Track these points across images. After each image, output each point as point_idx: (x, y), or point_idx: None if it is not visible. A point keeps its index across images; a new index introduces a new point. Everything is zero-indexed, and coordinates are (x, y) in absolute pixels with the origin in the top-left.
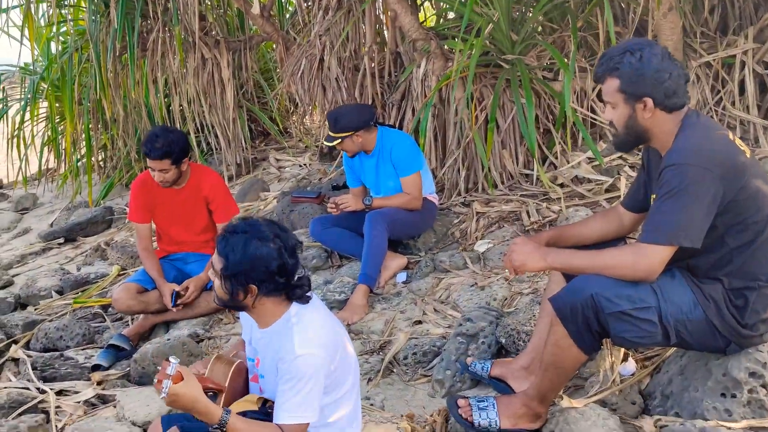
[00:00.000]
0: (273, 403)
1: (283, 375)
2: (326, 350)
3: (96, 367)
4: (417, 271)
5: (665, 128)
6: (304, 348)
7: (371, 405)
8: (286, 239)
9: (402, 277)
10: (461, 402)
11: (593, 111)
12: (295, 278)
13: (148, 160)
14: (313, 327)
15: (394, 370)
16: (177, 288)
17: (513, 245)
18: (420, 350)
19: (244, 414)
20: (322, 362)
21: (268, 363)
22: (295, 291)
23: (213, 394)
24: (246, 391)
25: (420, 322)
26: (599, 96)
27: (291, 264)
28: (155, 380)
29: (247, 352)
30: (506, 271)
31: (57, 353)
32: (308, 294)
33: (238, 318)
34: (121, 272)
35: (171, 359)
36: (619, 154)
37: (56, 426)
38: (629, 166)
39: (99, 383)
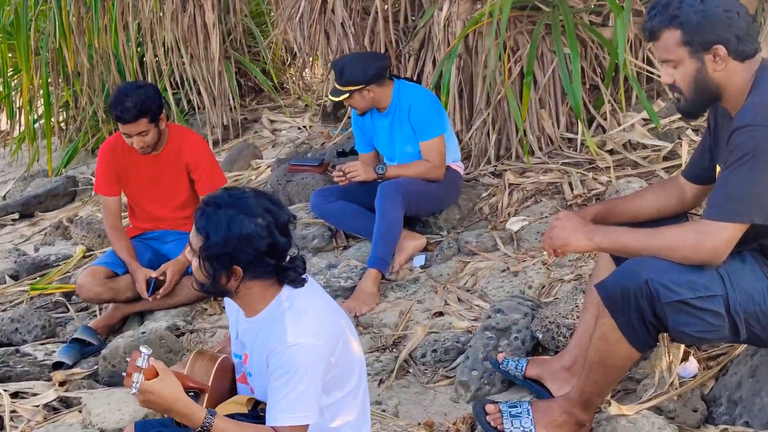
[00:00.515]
0: (265, 405)
1: (275, 369)
2: (324, 339)
3: (58, 365)
4: (438, 254)
5: (738, 82)
6: (298, 336)
7: (383, 411)
8: (277, 214)
9: (420, 260)
10: (490, 408)
11: (650, 63)
12: (287, 259)
13: (121, 125)
14: (309, 312)
15: (410, 371)
16: (153, 274)
17: (554, 222)
18: (441, 347)
19: (232, 417)
20: (320, 353)
21: (257, 358)
22: (287, 273)
23: (194, 394)
24: (233, 391)
25: (441, 314)
26: None
27: (282, 243)
28: (124, 373)
29: (234, 348)
30: (545, 253)
31: (12, 348)
32: (303, 277)
33: (224, 308)
34: (87, 254)
35: (142, 349)
36: (679, 115)
37: None
38: (692, 130)
39: (61, 384)
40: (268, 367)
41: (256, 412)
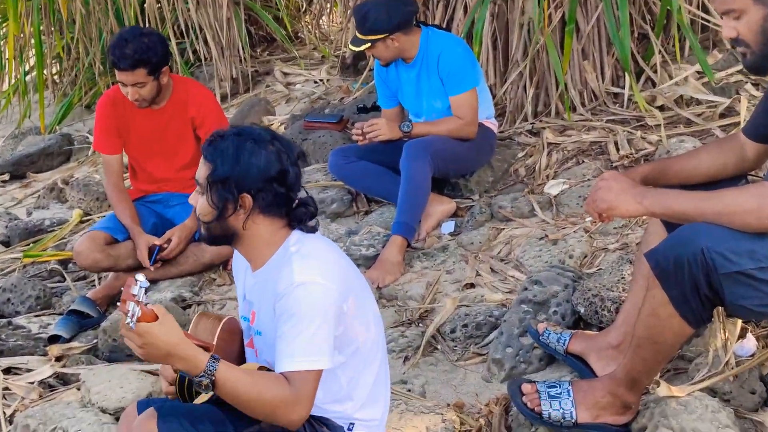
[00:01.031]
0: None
1: (282, 314)
2: (336, 282)
3: (54, 339)
4: (469, 220)
5: None
6: (306, 274)
7: (408, 391)
8: (287, 144)
9: (449, 227)
10: (526, 387)
11: (705, 10)
12: (297, 197)
13: (117, 72)
14: (319, 254)
15: (439, 347)
16: (157, 241)
17: (599, 183)
18: (472, 321)
19: None
20: (331, 295)
21: (265, 312)
22: (297, 213)
23: None
24: (242, 359)
25: (472, 286)
26: None
27: (294, 172)
28: (119, 303)
29: (241, 310)
30: (587, 218)
31: (4, 321)
32: (314, 224)
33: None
34: (84, 218)
35: (138, 277)
36: (738, 68)
37: (4, 413)
38: (752, 84)
39: (58, 359)
40: (275, 314)
41: None
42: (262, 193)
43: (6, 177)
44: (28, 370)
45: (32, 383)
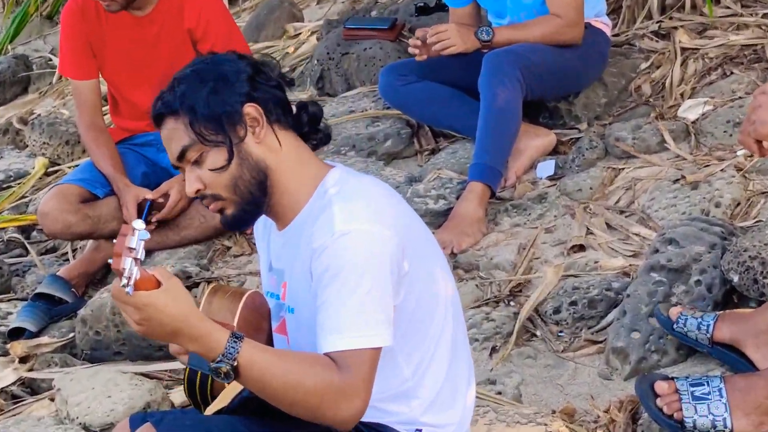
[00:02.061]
0: None
1: (321, 277)
2: (391, 228)
3: (16, 333)
4: (575, 158)
5: None
6: (352, 220)
7: (498, 394)
8: (262, 62)
9: (547, 168)
10: (662, 386)
11: None
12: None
13: None
14: (367, 194)
15: (538, 334)
16: (148, 195)
17: (757, 100)
18: (583, 297)
19: None
20: (388, 245)
21: (299, 281)
22: (300, 118)
23: None
24: (271, 345)
25: (582, 248)
26: None
27: (263, 63)
28: (110, 260)
29: (266, 286)
30: (740, 151)
31: None
32: (325, 131)
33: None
34: (51, 169)
35: (135, 225)
36: None
37: None
38: None
39: (23, 360)
40: (312, 278)
41: None
42: (257, 92)
43: None
44: None
45: None
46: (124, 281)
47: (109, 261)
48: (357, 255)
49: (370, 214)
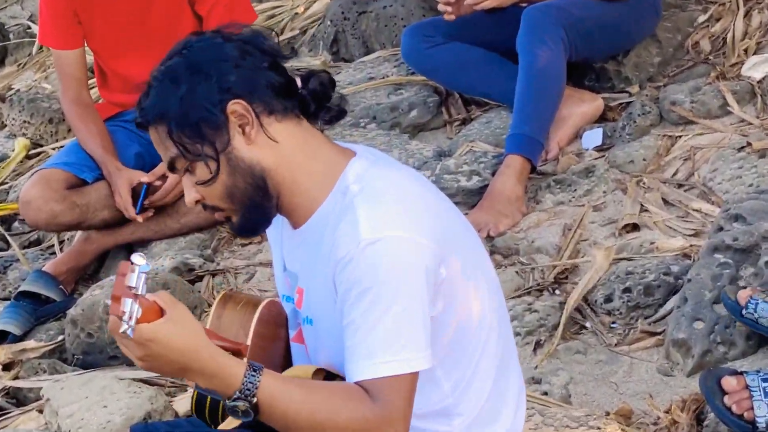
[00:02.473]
0: (342, 380)
1: (348, 292)
2: (426, 233)
3: None
4: (625, 125)
5: None
6: (380, 226)
7: (544, 394)
8: (252, 36)
9: (595, 137)
10: (730, 382)
11: None
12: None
13: None
14: (396, 191)
15: (588, 325)
16: (144, 177)
17: None
18: (638, 283)
19: None
20: (423, 253)
21: (319, 290)
22: (304, 96)
23: None
24: (288, 360)
25: (635, 228)
26: None
27: (260, 35)
28: (108, 300)
29: (281, 288)
30: None
31: None
32: (337, 103)
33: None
34: (33, 151)
35: (135, 259)
36: None
37: None
38: None
39: (6, 367)
40: (337, 293)
41: None
42: (245, 83)
43: None
44: None
45: None
46: (125, 326)
47: (107, 302)
48: (388, 267)
49: (401, 217)
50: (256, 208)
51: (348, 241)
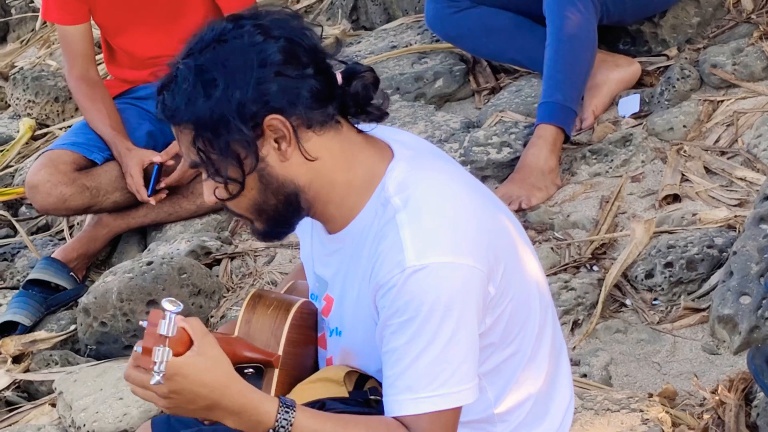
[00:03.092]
0: (375, 382)
1: (390, 318)
2: (476, 254)
3: (8, 328)
4: (663, 91)
5: None
6: (427, 250)
7: (583, 376)
8: (297, 32)
9: (631, 104)
10: None
11: None
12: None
13: None
14: (441, 204)
15: (628, 303)
16: (156, 157)
17: None
18: (680, 257)
19: (321, 406)
20: (474, 279)
21: (352, 304)
22: (345, 98)
23: (254, 371)
24: (316, 362)
25: (676, 198)
26: None
27: (298, 37)
28: (137, 348)
29: (311, 287)
30: None
31: None
32: (378, 103)
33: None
34: (39, 132)
35: (165, 304)
36: None
37: None
38: None
39: (17, 359)
40: (379, 315)
41: (364, 394)
42: (285, 95)
43: None
44: None
45: None
46: (156, 378)
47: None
48: (434, 297)
49: (449, 239)
50: (283, 220)
51: (392, 266)
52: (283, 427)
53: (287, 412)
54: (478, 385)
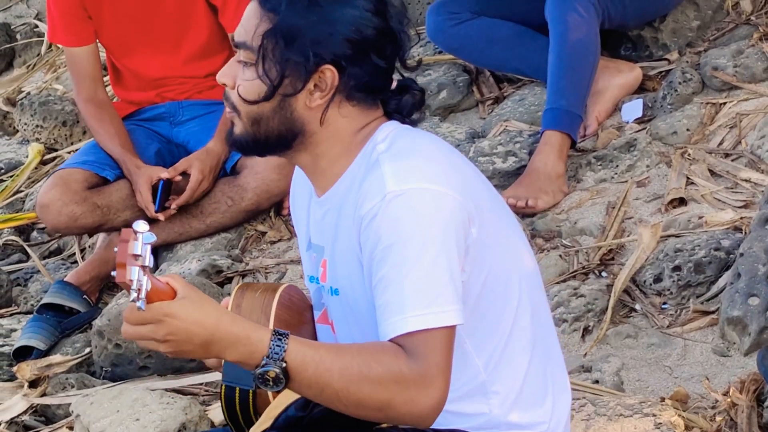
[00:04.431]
0: None
1: (374, 249)
2: (456, 189)
3: (23, 353)
4: (666, 95)
5: None
6: (407, 178)
7: (595, 383)
8: (399, 25)
9: (634, 109)
10: None
11: None
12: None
13: None
14: (424, 149)
15: (637, 308)
16: (164, 174)
17: None
18: (688, 261)
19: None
20: (450, 204)
21: (344, 256)
22: (397, 99)
23: None
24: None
25: (682, 202)
26: None
27: (399, 32)
28: (113, 272)
29: (307, 269)
30: None
31: None
32: (417, 117)
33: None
34: (48, 156)
35: (137, 227)
36: None
37: None
38: None
39: (33, 384)
40: (362, 251)
41: None
42: (354, 65)
43: None
44: None
45: None
46: (134, 295)
47: (113, 273)
48: (415, 218)
49: (429, 172)
50: (264, 143)
51: (373, 196)
52: (276, 353)
53: (280, 339)
54: (463, 311)
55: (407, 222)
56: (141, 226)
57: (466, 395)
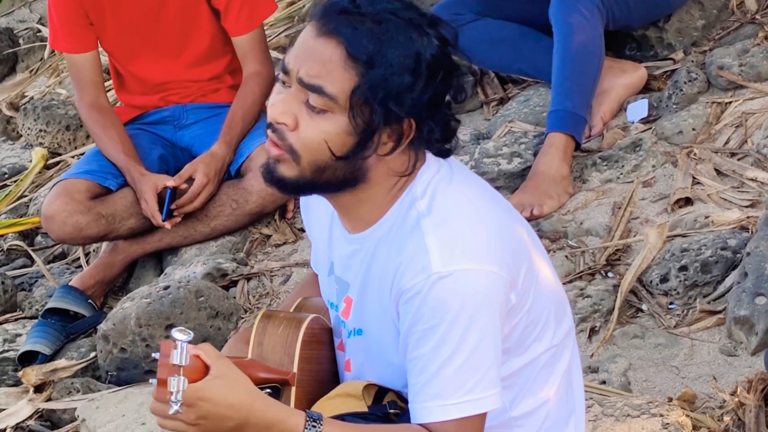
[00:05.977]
0: (398, 395)
1: (414, 325)
2: (500, 262)
3: (28, 357)
4: (671, 94)
5: None
6: (453, 257)
7: (602, 383)
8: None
9: (639, 109)
10: None
11: None
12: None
13: None
14: (467, 214)
15: (644, 308)
16: (169, 182)
17: None
18: (694, 260)
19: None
20: (498, 286)
21: (373, 305)
22: (445, 130)
23: (271, 392)
24: (337, 376)
25: (688, 202)
26: None
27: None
28: (152, 380)
29: (326, 295)
30: None
31: None
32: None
33: (302, 231)
34: (52, 161)
35: (175, 333)
36: None
37: None
38: None
39: (38, 389)
40: (400, 320)
41: (383, 408)
42: (430, 117)
43: None
44: None
45: (2, 431)
46: (174, 408)
47: (152, 381)
48: (460, 304)
49: (474, 246)
50: (321, 186)
51: (417, 272)
52: None
53: (314, 426)
54: (501, 392)
55: (453, 305)
56: (179, 335)
57: (493, 427)
